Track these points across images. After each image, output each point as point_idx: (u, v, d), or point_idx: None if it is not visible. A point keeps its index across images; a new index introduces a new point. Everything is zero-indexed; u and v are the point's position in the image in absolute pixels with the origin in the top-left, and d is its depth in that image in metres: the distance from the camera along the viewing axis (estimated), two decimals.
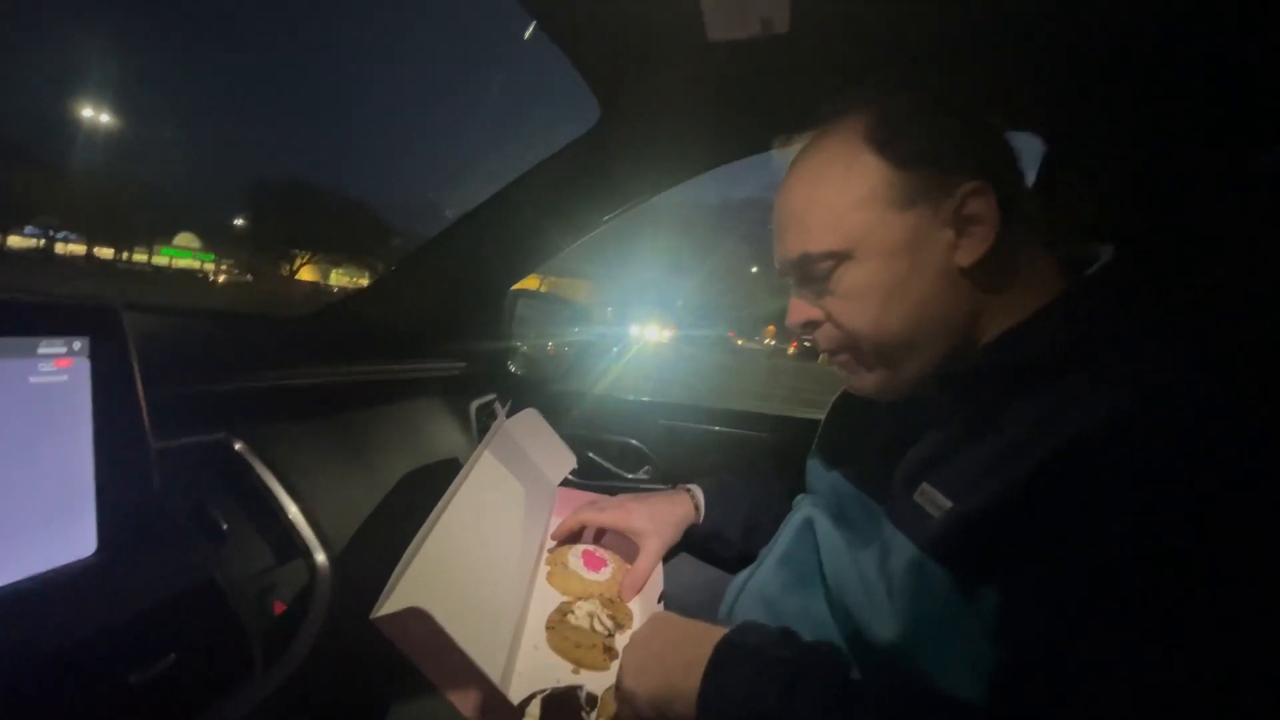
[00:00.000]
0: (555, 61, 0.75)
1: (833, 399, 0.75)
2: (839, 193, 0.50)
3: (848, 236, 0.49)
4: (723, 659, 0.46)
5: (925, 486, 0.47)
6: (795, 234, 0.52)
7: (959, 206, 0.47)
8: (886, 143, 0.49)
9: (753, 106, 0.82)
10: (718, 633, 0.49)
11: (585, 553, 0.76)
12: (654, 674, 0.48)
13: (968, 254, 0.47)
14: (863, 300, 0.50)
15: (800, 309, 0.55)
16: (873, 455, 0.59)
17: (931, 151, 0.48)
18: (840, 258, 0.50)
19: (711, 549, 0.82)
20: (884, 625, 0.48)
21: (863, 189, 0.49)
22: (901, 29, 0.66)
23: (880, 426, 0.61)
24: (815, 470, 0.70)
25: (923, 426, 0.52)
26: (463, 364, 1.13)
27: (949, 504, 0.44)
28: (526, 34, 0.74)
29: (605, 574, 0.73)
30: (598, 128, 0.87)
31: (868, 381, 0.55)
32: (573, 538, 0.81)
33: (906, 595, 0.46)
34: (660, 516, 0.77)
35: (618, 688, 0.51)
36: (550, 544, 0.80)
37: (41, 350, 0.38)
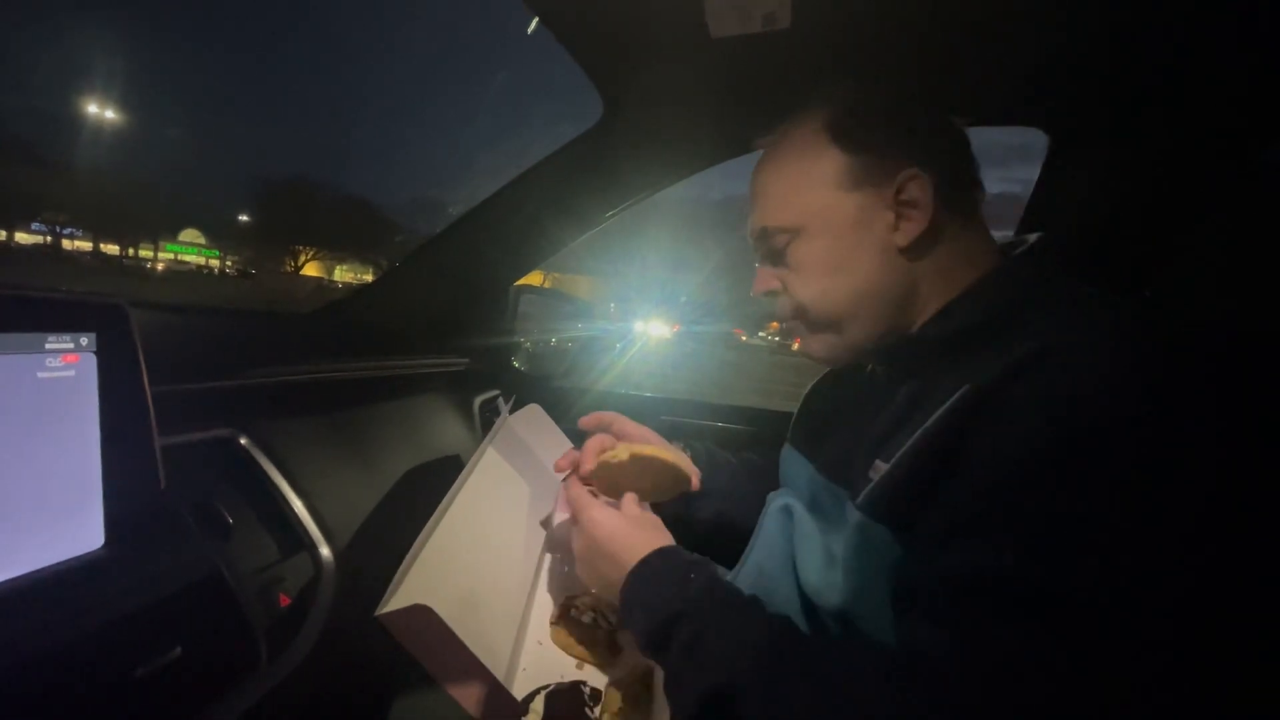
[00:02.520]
0: (559, 58, 0.76)
1: (805, 392, 0.76)
2: (796, 174, 0.55)
3: (800, 214, 0.55)
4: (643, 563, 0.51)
5: (877, 463, 0.49)
6: (758, 209, 0.58)
7: (898, 191, 0.52)
8: (843, 132, 0.54)
9: (756, 102, 0.81)
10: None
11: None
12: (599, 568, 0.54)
13: (905, 235, 0.52)
14: (811, 272, 0.55)
15: (764, 279, 0.60)
16: (838, 442, 0.61)
17: (880, 141, 0.53)
18: (793, 233, 0.55)
19: (692, 511, 0.81)
20: (838, 593, 0.51)
21: (816, 172, 0.54)
22: (902, 24, 0.65)
23: (844, 414, 0.63)
24: (785, 461, 0.72)
25: (877, 409, 0.55)
26: (466, 360, 1.13)
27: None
28: (529, 30, 0.74)
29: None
30: (601, 124, 0.87)
31: (815, 346, 0.59)
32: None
33: (854, 560, 0.49)
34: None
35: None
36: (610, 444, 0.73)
37: (49, 346, 0.38)
